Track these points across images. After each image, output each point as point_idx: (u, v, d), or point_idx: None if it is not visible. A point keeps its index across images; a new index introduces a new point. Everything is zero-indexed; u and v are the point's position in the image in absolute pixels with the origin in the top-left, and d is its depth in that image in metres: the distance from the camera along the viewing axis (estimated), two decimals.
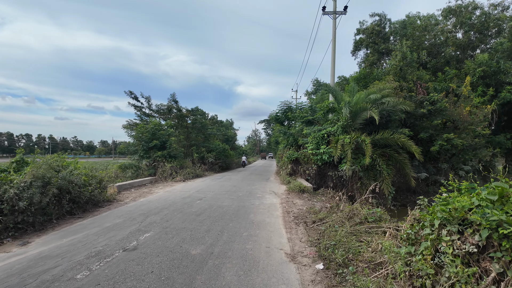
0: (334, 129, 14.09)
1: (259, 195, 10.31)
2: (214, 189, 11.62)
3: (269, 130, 72.22)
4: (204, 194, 10.33)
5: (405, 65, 18.42)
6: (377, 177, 12.81)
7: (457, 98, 16.13)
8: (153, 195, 10.28)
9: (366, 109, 13.07)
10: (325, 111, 17.09)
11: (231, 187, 12.31)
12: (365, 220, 5.23)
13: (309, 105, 19.37)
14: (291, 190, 10.95)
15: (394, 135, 13.03)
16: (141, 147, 18.43)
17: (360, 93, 14.30)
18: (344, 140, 12.55)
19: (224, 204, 8.28)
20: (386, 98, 13.49)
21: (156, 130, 18.44)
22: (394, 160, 13.85)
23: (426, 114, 15.25)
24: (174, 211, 7.40)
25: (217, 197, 9.56)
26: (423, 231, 3.24)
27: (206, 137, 28.76)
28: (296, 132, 18.55)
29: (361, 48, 27.58)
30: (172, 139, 18.56)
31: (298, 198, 9.53)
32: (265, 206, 8.12)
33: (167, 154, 18.00)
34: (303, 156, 14.47)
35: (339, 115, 16.12)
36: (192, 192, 10.84)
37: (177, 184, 13.82)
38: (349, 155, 11.94)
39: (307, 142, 15.41)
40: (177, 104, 24.30)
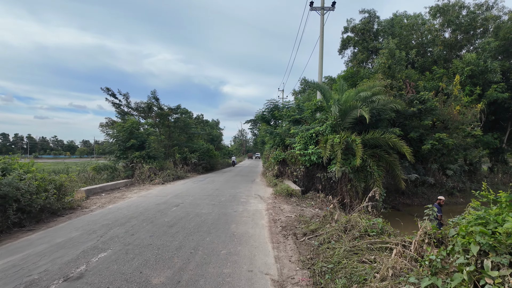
0: (322, 128, 13.40)
1: (243, 199, 9.42)
2: (194, 193, 10.63)
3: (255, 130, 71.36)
4: (182, 199, 9.33)
5: (393, 63, 18.03)
6: (367, 178, 12.22)
7: (446, 97, 15.82)
8: (124, 200, 9.20)
9: (356, 107, 12.44)
10: (313, 109, 16.42)
11: (213, 191, 11.36)
12: (365, 234, 4.44)
13: (297, 104, 18.63)
14: (278, 193, 10.13)
15: (385, 135, 12.47)
16: (118, 147, 17.16)
17: (349, 91, 13.67)
18: (334, 140, 11.86)
19: (203, 212, 7.33)
20: (377, 96, 12.92)
21: (133, 128, 17.19)
22: (384, 161, 13.31)
23: (416, 113, 14.84)
24: (144, 221, 6.40)
25: (196, 203, 8.60)
26: (454, 259, 2.44)
27: (189, 137, 27.59)
28: (283, 132, 17.78)
29: (349, 46, 27.17)
30: (151, 139, 17.37)
31: (286, 203, 8.70)
32: (249, 214, 7.24)
33: (145, 155, 16.80)
34: (291, 156, 13.71)
35: (328, 114, 15.47)
36: (169, 197, 9.81)
37: (155, 187, 12.72)
38: (339, 156, 11.25)
39: (295, 142, 14.66)
40: (158, 102, 23.04)
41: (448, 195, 19.60)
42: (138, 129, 17.88)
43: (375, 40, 25.20)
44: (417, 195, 19.35)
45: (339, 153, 11.25)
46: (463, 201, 19.25)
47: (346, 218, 4.89)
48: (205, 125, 49.73)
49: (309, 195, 10.13)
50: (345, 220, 4.86)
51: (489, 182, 21.21)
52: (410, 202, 18.45)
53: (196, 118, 50.00)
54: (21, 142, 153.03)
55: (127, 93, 21.70)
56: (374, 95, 12.81)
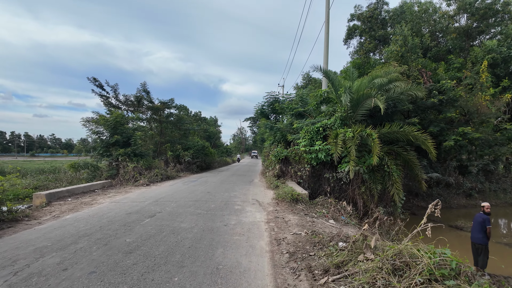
0: (331, 121, 11.62)
1: (238, 206, 7.64)
2: (179, 198, 8.85)
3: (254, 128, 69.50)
4: (162, 206, 7.55)
5: (406, 51, 16.23)
6: (385, 180, 10.44)
7: (472, 86, 14.01)
8: (91, 208, 7.41)
9: (370, 96, 10.65)
10: (319, 101, 14.62)
11: (203, 195, 9.57)
12: (431, 277, 2.67)
13: (300, 95, 16.83)
14: (280, 198, 8.35)
15: (404, 128, 10.68)
16: (100, 143, 15.38)
17: (362, 78, 11.88)
18: (346, 135, 10.07)
19: (183, 226, 5.55)
20: (394, 82, 11.08)
21: (118, 123, 15.38)
22: (401, 159, 11.55)
23: (436, 104, 13.05)
24: (97, 242, 4.62)
25: (178, 212, 6.82)
26: None
27: (184, 134, 25.80)
28: (284, 127, 15.99)
29: (355, 35, 25.35)
30: (137, 134, 15.56)
31: (291, 212, 6.91)
32: (244, 229, 5.46)
33: (131, 152, 15.01)
34: (294, 154, 11.92)
35: (336, 105, 13.67)
36: (147, 203, 8.03)
37: (136, 190, 10.93)
38: (352, 153, 9.47)
39: (298, 138, 12.88)
40: (149, 95, 21.24)
41: (466, 197, 17.87)
42: (124, 123, 16.06)
43: (382, 28, 23.38)
44: (432, 197, 17.60)
45: (353, 150, 9.47)
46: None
47: (393, 249, 3.10)
48: (203, 122, 48.06)
49: (318, 200, 8.33)
50: (393, 252, 3.06)
51: (508, 182, 19.50)
52: (425, 204, 16.70)
53: (194, 115, 48.40)
54: (18, 140, 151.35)
55: (116, 84, 19.96)
56: (391, 82, 11.00)
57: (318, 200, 8.28)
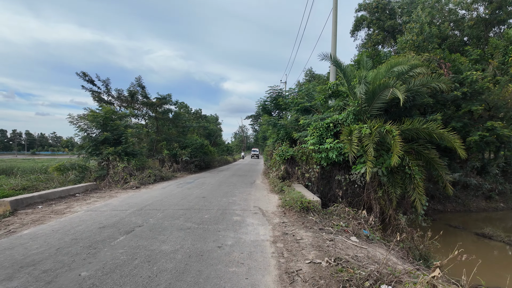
0: (342, 116, 10.31)
1: (236, 217, 6.35)
2: (169, 205, 7.57)
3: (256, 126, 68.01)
4: (145, 217, 6.27)
5: (423, 40, 14.85)
6: (406, 183, 9.12)
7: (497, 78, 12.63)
8: (60, 219, 6.14)
9: (388, 86, 9.31)
10: (327, 95, 13.30)
11: (197, 200, 8.29)
12: None
13: (306, 89, 15.50)
14: (288, 206, 7.05)
15: (427, 124, 9.35)
16: (89, 142, 14.14)
17: (379, 67, 10.53)
18: (362, 131, 8.76)
19: (164, 249, 4.27)
20: (416, 69, 9.69)
21: (108, 119, 14.13)
22: (423, 159, 10.22)
23: (459, 98, 11.70)
24: (40, 276, 3.35)
25: (163, 226, 5.54)
26: None
27: (183, 131, 24.55)
28: (289, 124, 14.68)
29: (363, 27, 23.93)
30: (129, 132, 14.29)
31: (303, 226, 5.61)
32: (244, 253, 4.18)
33: (121, 151, 13.77)
34: (301, 153, 10.61)
35: (347, 99, 12.35)
36: (129, 212, 6.75)
37: (123, 194, 9.67)
38: (370, 153, 8.16)
39: (305, 135, 11.58)
40: (144, 90, 19.96)
41: (486, 199, 16.51)
42: (115, 120, 14.79)
43: (391, 19, 21.94)
44: (449, 200, 16.25)
45: (371, 148, 8.16)
46: (504, 206, 16.18)
47: None
48: (203, 120, 46.86)
49: (333, 209, 6.98)
50: None
51: None
52: (442, 208, 15.38)
53: (194, 112, 47.21)
54: (20, 139, 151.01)
55: (108, 79, 18.69)
56: (412, 69, 9.61)
57: (332, 209, 6.95)
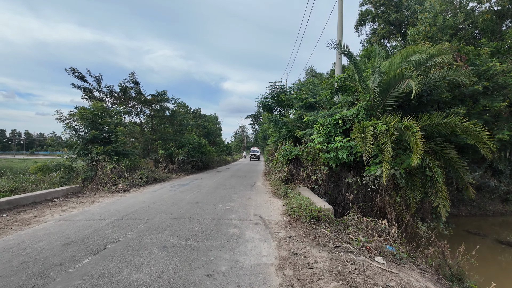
0: (353, 112, 9.27)
1: (233, 229, 5.30)
2: (155, 213, 6.53)
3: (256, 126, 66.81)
4: (124, 229, 5.23)
5: (436, 31, 13.79)
6: (427, 186, 8.07)
7: None
8: (21, 231, 5.10)
9: (404, 77, 8.25)
10: (334, 90, 12.26)
11: (189, 207, 7.24)
12: None
13: (311, 84, 14.45)
14: (294, 215, 6.00)
15: (449, 118, 8.29)
16: (77, 140, 13.12)
17: (393, 57, 9.50)
18: (377, 128, 7.72)
19: (135, 280, 3.22)
20: (436, 58, 8.60)
21: (97, 116, 13.10)
22: (442, 158, 9.17)
23: (479, 93, 10.65)
24: None
25: (141, 243, 4.49)
26: None
27: (181, 130, 23.52)
28: (292, 121, 13.64)
29: (367, 22, 22.87)
30: (119, 130, 13.24)
31: (315, 243, 4.56)
32: (242, 286, 3.13)
33: (111, 151, 12.74)
34: (306, 153, 9.57)
35: (357, 93, 11.32)
36: (107, 222, 5.71)
37: (107, 198, 8.62)
38: (388, 152, 7.12)
39: (310, 133, 10.54)
40: (138, 86, 18.92)
41: (502, 202, 15.48)
42: (106, 117, 13.76)
43: (397, 11, 20.86)
44: (463, 203, 15.19)
45: (388, 147, 7.12)
46: None
47: None
48: (203, 119, 45.90)
49: (347, 219, 5.89)
50: None
51: None
52: (457, 212, 14.30)
53: (193, 112, 46.28)
54: (19, 138, 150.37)
55: (100, 74, 17.66)
56: (432, 58, 8.53)
57: (347, 218, 5.88)
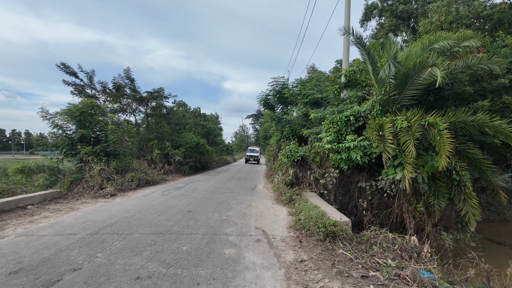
0: (366, 108, 8.25)
1: (230, 250, 4.28)
2: (138, 225, 5.52)
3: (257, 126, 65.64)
4: (94, 248, 4.23)
5: (450, 22, 12.75)
6: (453, 192, 7.06)
7: None
8: None
9: (427, 65, 7.20)
10: (342, 85, 11.24)
11: (180, 216, 6.23)
12: None
13: (316, 79, 13.43)
14: (304, 230, 4.98)
15: (478, 115, 7.27)
16: (63, 140, 12.14)
17: (412, 45, 8.49)
18: (396, 125, 6.71)
19: None
20: (464, 43, 7.51)
21: (85, 114, 12.11)
22: (466, 160, 8.15)
23: (506, 86, 9.63)
24: None
25: (109, 272, 3.48)
26: None
27: (179, 128, 22.53)
28: (295, 119, 12.63)
29: (373, 16, 21.83)
30: (109, 128, 12.25)
31: (335, 272, 3.53)
32: None
33: (100, 151, 11.75)
34: (314, 154, 8.55)
35: (372, 87, 10.31)
36: (78, 237, 4.72)
37: (90, 204, 7.62)
38: (410, 153, 6.11)
39: (317, 132, 9.53)
40: (133, 83, 17.93)
41: None
42: (95, 115, 12.77)
43: (405, 3, 19.78)
44: (481, 206, 14.13)
45: (411, 146, 6.10)
46: None
47: None
48: (202, 118, 44.92)
49: (369, 234, 4.87)
50: None
51: None
52: None
53: (193, 111, 45.40)
54: (19, 138, 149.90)
55: (93, 70, 16.68)
56: (460, 42, 7.46)
57: (368, 234, 4.83)
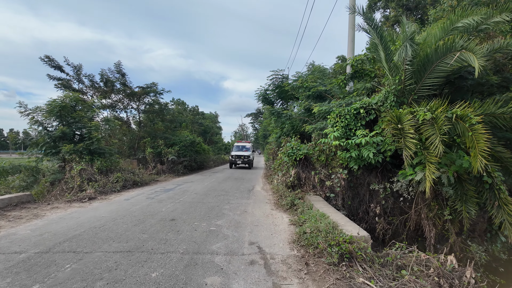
0: (377, 99, 7.22)
1: (213, 278, 3.22)
2: (105, 238, 4.49)
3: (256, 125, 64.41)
4: (35, 276, 3.20)
5: (469, 3, 11.70)
6: (484, 197, 6.05)
7: None
8: None
9: (455, 48, 6.13)
10: (349, 76, 10.21)
11: (159, 227, 5.19)
12: None
13: (320, 70, 12.39)
14: (312, 247, 3.93)
15: (510, 106, 6.24)
16: (43, 138, 11.12)
17: (430, 28, 7.46)
18: (418, 117, 5.68)
19: None
20: (494, 18, 6.44)
21: (66, 109, 11.07)
22: (493, 159, 7.10)
23: None
24: None
25: None
26: None
27: (174, 126, 21.50)
28: (297, 115, 11.61)
29: (377, 9, 20.79)
30: (92, 125, 11.20)
31: None
32: None
33: (83, 149, 10.73)
34: (318, 152, 7.51)
35: (379, 79, 9.32)
36: (23, 257, 3.69)
37: (60, 210, 6.59)
38: (437, 150, 5.08)
39: (321, 127, 8.50)
40: (124, 77, 16.89)
41: None
42: (79, 110, 11.73)
43: None
44: None
45: (437, 142, 5.07)
46: None
47: None
48: (201, 117, 43.98)
49: (394, 254, 3.80)
50: None
51: None
52: None
53: (191, 109, 44.46)
54: (18, 137, 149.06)
55: (80, 64, 15.64)
56: (489, 18, 6.36)
57: (394, 253, 3.77)
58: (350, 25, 11.20)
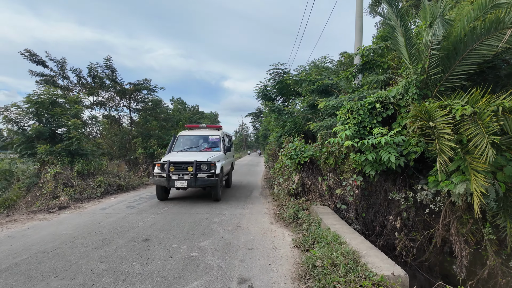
0: (396, 92, 6.08)
1: None
2: (47, 274, 3.38)
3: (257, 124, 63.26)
4: None
5: None
6: None
7: None
8: None
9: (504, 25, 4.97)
10: (359, 67, 9.07)
11: (125, 252, 4.07)
12: None
13: (324, 61, 11.28)
14: None
15: None
16: (18, 138, 10.03)
17: (460, 5, 6.31)
18: (455, 112, 4.53)
19: None
20: None
21: (42, 106, 9.98)
22: None
23: None
24: None
25: None
26: None
27: (170, 125, 20.34)
28: (299, 112, 10.47)
29: None
30: (71, 123, 10.08)
31: None
32: None
33: (62, 150, 9.63)
34: (326, 154, 6.37)
35: (393, 70, 8.17)
36: None
37: (16, 225, 5.48)
38: (487, 154, 3.94)
39: (329, 125, 7.36)
40: (115, 73, 15.78)
41: None
42: (57, 107, 10.61)
43: None
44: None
45: (485, 145, 3.93)
46: None
47: None
48: (200, 116, 42.89)
49: None
50: None
51: None
52: None
53: (191, 109, 43.45)
54: None
55: (63, 58, 14.52)
56: None
57: None
58: (358, 15, 10.16)
